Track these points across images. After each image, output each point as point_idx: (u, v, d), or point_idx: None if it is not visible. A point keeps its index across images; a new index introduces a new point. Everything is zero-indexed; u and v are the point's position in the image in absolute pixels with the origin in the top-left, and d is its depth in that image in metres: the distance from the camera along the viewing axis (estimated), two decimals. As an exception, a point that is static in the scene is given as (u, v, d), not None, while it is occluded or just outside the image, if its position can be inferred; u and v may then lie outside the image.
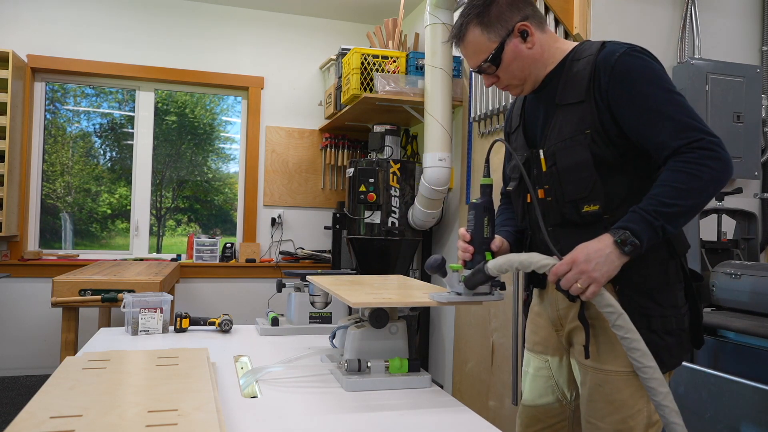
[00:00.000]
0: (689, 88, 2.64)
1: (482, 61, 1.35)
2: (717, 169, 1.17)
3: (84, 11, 4.24)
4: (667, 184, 1.17)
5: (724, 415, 1.79)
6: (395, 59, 3.57)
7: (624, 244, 1.16)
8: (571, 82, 1.31)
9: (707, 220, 2.39)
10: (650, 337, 1.22)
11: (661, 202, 1.16)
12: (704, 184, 1.16)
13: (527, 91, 1.41)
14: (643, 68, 1.24)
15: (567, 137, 1.29)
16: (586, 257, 1.17)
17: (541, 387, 1.48)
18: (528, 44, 1.33)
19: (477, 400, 3.05)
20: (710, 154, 1.17)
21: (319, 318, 2.01)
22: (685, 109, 1.22)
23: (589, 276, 1.16)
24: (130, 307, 1.85)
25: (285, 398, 1.26)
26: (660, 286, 1.26)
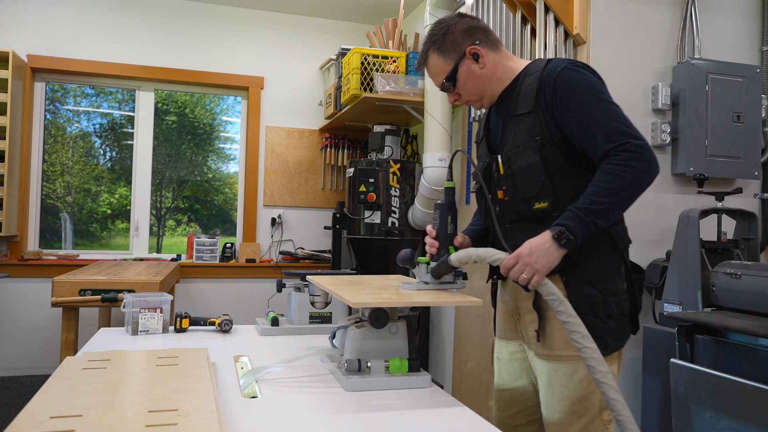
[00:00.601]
0: (689, 88, 2.64)
1: (442, 81, 1.56)
2: (640, 169, 1.31)
3: (84, 11, 4.24)
4: (597, 184, 1.33)
5: (724, 415, 1.79)
6: (395, 59, 3.57)
7: (560, 239, 1.32)
8: (523, 95, 1.48)
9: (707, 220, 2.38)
10: (593, 322, 1.38)
11: (591, 200, 1.32)
12: (628, 183, 1.31)
13: (486, 106, 1.60)
14: (580, 80, 1.40)
15: (520, 143, 1.46)
16: (529, 251, 1.33)
17: (517, 370, 1.60)
18: (480, 65, 1.52)
19: (477, 400, 3.04)
20: (634, 156, 1.31)
21: (319, 318, 2.01)
22: (615, 115, 1.36)
23: (532, 267, 1.32)
24: (130, 307, 1.85)
25: (285, 398, 1.26)
26: (602, 276, 1.42)
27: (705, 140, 2.66)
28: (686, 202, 2.70)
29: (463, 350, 3.26)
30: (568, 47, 2.64)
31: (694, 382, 1.90)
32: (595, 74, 1.43)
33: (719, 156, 2.68)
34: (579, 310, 1.32)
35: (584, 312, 1.36)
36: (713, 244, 2.34)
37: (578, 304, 1.35)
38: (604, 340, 1.38)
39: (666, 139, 2.67)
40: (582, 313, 1.33)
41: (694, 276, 2.19)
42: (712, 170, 2.65)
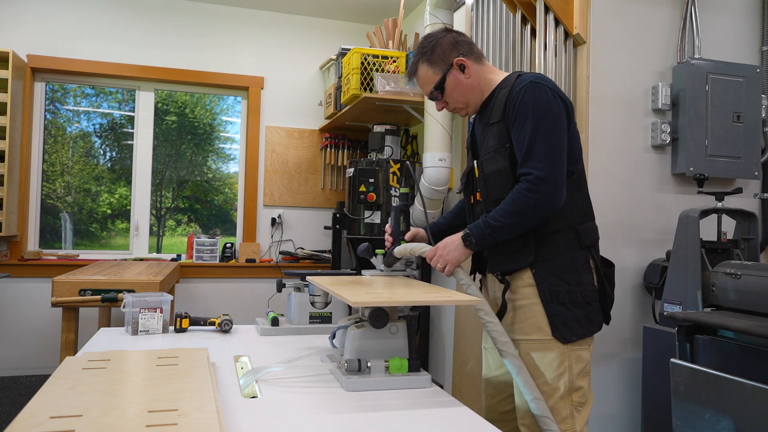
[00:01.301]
0: (689, 88, 2.64)
1: (431, 90, 1.70)
2: (533, 200, 1.48)
3: (84, 11, 4.24)
4: (503, 204, 1.52)
5: (724, 415, 1.79)
6: (395, 59, 3.57)
7: (466, 240, 1.56)
8: (496, 105, 1.63)
9: (707, 220, 2.39)
10: (559, 309, 1.53)
11: (494, 217, 1.52)
12: (522, 210, 1.49)
13: (471, 113, 1.74)
14: (535, 99, 1.52)
15: (492, 150, 1.61)
16: (444, 245, 1.59)
17: (499, 359, 1.71)
18: (466, 75, 1.66)
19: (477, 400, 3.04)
20: (531, 188, 1.48)
21: (319, 318, 2.01)
22: (543, 142, 1.50)
23: (445, 259, 1.58)
24: (130, 307, 1.85)
25: (285, 398, 1.26)
26: (568, 269, 1.55)
27: (705, 140, 2.66)
28: (686, 202, 2.70)
29: (463, 350, 3.26)
30: (568, 47, 2.64)
31: (694, 382, 1.90)
32: (557, 95, 1.55)
33: (719, 156, 2.68)
34: (546, 298, 1.53)
35: (551, 300, 1.53)
36: (713, 244, 2.34)
37: (545, 293, 1.54)
38: (570, 326, 1.53)
39: (666, 139, 2.67)
40: (549, 301, 1.53)
41: (694, 276, 2.19)
42: (712, 170, 2.65)
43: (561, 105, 1.55)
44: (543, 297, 1.54)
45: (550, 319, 1.53)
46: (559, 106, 1.54)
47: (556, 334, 1.53)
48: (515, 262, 1.58)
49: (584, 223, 1.59)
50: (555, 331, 1.53)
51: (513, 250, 1.58)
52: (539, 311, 1.55)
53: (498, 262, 1.64)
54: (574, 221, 1.58)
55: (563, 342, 1.53)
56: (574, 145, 1.59)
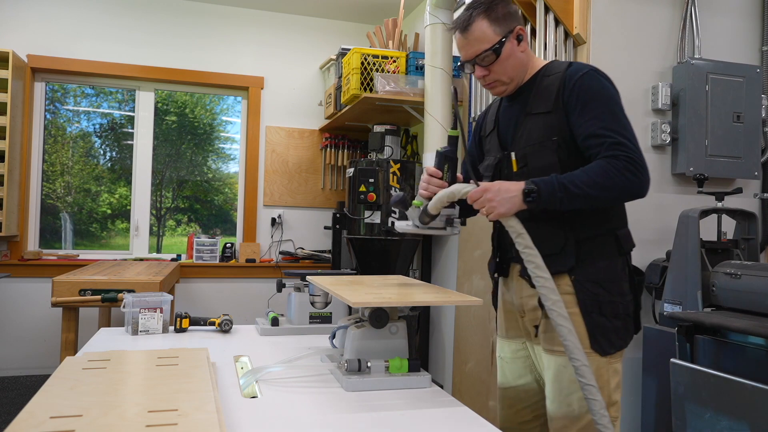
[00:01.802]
0: (689, 88, 2.64)
1: (483, 51, 1.48)
2: (631, 182, 1.36)
3: (84, 11, 4.24)
4: (588, 172, 1.37)
5: (724, 415, 1.79)
6: (395, 59, 3.57)
7: (528, 195, 1.37)
8: (541, 94, 1.50)
9: (707, 220, 2.38)
10: (600, 320, 1.43)
11: (573, 181, 1.36)
12: (613, 186, 1.36)
13: (509, 92, 1.57)
14: (600, 88, 1.43)
15: (535, 142, 1.48)
16: (497, 191, 1.38)
17: (520, 368, 1.62)
18: (521, 48, 1.52)
19: (477, 400, 3.04)
20: (632, 169, 1.36)
21: (319, 318, 2.01)
22: (626, 131, 1.40)
23: (492, 206, 1.38)
24: (130, 307, 1.85)
25: (285, 398, 1.26)
26: (609, 277, 1.45)
27: (705, 140, 2.66)
28: (686, 202, 2.70)
29: (463, 350, 3.26)
30: (568, 47, 2.64)
31: (694, 382, 1.90)
32: (613, 85, 1.47)
33: (719, 156, 2.68)
34: (587, 308, 1.41)
35: (592, 311, 1.42)
36: (713, 244, 2.34)
37: (586, 303, 1.42)
38: (610, 339, 1.43)
39: (666, 139, 2.67)
40: (590, 311, 1.41)
41: (694, 276, 2.19)
42: (712, 170, 2.65)
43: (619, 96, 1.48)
44: (583, 307, 1.43)
45: (590, 330, 1.43)
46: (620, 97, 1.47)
47: (596, 347, 1.43)
48: (552, 266, 1.42)
49: (623, 228, 1.51)
50: (594, 343, 1.43)
51: (551, 252, 1.44)
52: (577, 322, 1.43)
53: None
54: (614, 225, 1.49)
55: (602, 355, 1.44)
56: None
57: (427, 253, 3.84)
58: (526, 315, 1.55)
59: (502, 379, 1.68)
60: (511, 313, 1.63)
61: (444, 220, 1.52)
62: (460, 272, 3.34)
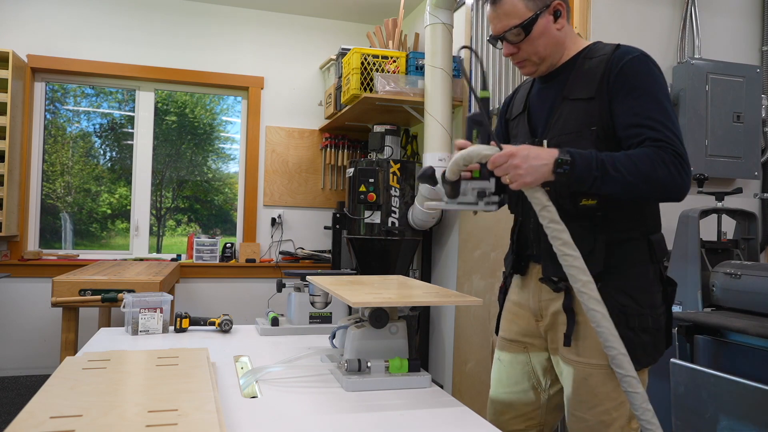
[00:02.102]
0: (689, 88, 2.64)
1: (512, 26, 1.36)
2: (673, 177, 1.23)
3: (84, 11, 4.24)
4: (629, 156, 1.23)
5: (724, 415, 1.79)
6: (395, 59, 3.57)
7: (560, 166, 1.21)
8: (582, 78, 1.36)
9: (707, 220, 2.38)
10: (627, 334, 1.28)
11: (613, 162, 1.22)
12: (654, 177, 1.22)
13: (541, 72, 1.44)
14: (648, 75, 1.30)
15: (572, 131, 1.33)
16: (524, 157, 1.21)
17: (518, 374, 1.52)
18: (558, 25, 1.38)
19: (477, 400, 3.04)
20: (677, 164, 1.23)
21: (319, 318, 2.01)
22: (673, 125, 1.28)
23: (518, 174, 1.21)
24: (130, 307, 1.85)
25: (285, 398, 1.26)
26: (640, 286, 1.32)
27: (705, 140, 2.66)
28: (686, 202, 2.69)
29: (463, 350, 3.26)
30: (568, 47, 2.64)
31: (694, 382, 1.90)
32: (662, 73, 1.34)
33: (719, 156, 2.68)
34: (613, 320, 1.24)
35: (618, 323, 1.26)
36: (713, 244, 2.34)
37: (612, 314, 1.25)
38: (636, 355, 1.28)
39: (666, 139, 2.67)
40: (616, 324, 1.24)
41: (694, 276, 2.19)
42: (712, 170, 2.65)
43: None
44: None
45: None
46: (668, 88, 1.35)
47: None
48: None
49: (656, 232, 1.38)
50: None
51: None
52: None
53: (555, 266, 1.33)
54: (648, 229, 1.36)
55: None
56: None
57: (427, 253, 3.85)
58: (544, 320, 1.44)
59: (495, 383, 1.58)
60: (521, 317, 1.51)
61: (475, 194, 1.30)
62: (460, 272, 3.34)
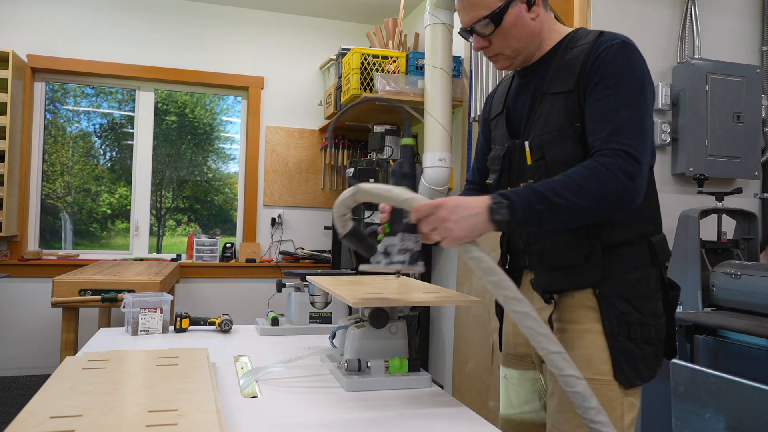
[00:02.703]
0: (689, 88, 2.64)
1: (481, 17, 1.22)
2: (624, 186, 1.09)
3: (84, 11, 4.24)
4: (570, 176, 1.10)
5: (724, 415, 1.79)
6: (395, 59, 3.57)
7: (496, 213, 1.06)
8: (562, 70, 1.23)
9: (707, 220, 2.39)
10: (627, 346, 1.18)
11: (554, 189, 1.08)
12: (603, 192, 1.08)
13: (516, 66, 1.31)
14: (624, 65, 1.16)
15: (554, 129, 1.21)
16: (454, 208, 1.06)
17: (527, 393, 1.40)
18: (532, 14, 1.25)
19: (477, 400, 3.04)
20: (626, 168, 1.09)
21: (319, 318, 2.00)
22: (639, 119, 1.14)
23: (447, 228, 1.06)
24: (130, 307, 1.85)
25: (285, 398, 1.26)
26: (641, 292, 1.20)
27: (705, 140, 2.66)
28: (686, 202, 2.70)
29: (463, 350, 3.26)
30: (568, 47, 2.64)
31: (694, 382, 1.90)
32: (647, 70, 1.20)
33: (719, 156, 2.68)
34: (612, 329, 1.17)
35: (619, 333, 1.17)
36: (713, 244, 2.34)
37: (612, 323, 1.18)
38: (637, 369, 1.18)
39: (666, 139, 2.67)
40: (616, 334, 1.17)
41: (694, 276, 2.19)
42: (712, 170, 2.65)
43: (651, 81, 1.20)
44: (608, 328, 1.18)
45: (614, 356, 1.18)
46: (651, 81, 1.20)
47: (619, 377, 1.18)
48: (573, 280, 1.21)
49: (657, 233, 1.25)
50: (618, 372, 1.18)
51: (572, 263, 1.21)
52: (598, 343, 1.19)
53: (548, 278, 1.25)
54: (647, 230, 1.23)
55: (626, 387, 1.19)
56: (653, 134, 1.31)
57: (427, 254, 3.85)
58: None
59: (505, 403, 1.45)
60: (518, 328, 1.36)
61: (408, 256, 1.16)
62: (460, 272, 3.34)
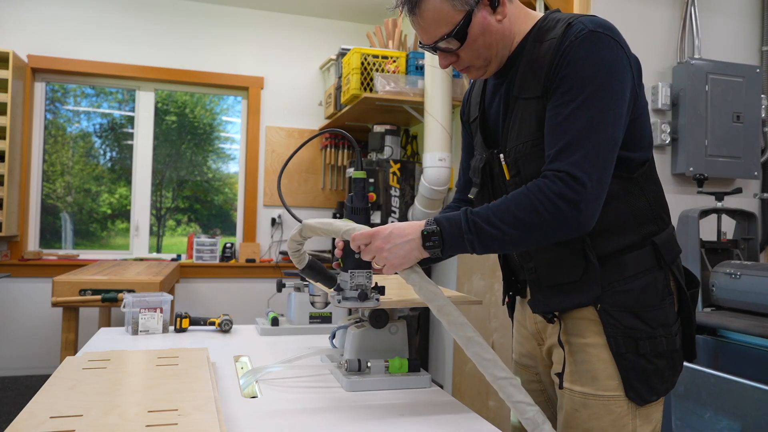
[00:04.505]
0: (689, 88, 2.64)
1: (442, 36, 1.09)
2: (564, 216, 0.98)
3: (84, 11, 4.24)
4: (507, 203, 1.02)
5: (724, 415, 1.79)
6: (395, 59, 3.57)
7: (427, 240, 1.04)
8: (530, 71, 1.09)
9: (707, 220, 2.38)
10: (636, 362, 1.08)
11: (488, 218, 1.01)
12: (540, 224, 0.99)
13: (490, 73, 1.18)
14: (588, 60, 1.02)
15: (528, 140, 1.09)
16: (388, 235, 1.05)
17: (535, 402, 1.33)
18: (498, 15, 1.10)
19: (477, 400, 3.05)
20: (567, 195, 0.98)
21: (319, 318, 2.00)
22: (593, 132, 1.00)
23: (383, 257, 1.05)
24: (130, 307, 1.85)
25: (285, 398, 1.26)
26: (647, 301, 1.09)
27: (705, 140, 2.66)
28: (686, 202, 2.70)
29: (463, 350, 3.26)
30: (568, 47, 2.64)
31: (694, 382, 1.90)
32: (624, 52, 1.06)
33: (719, 156, 2.68)
34: (618, 347, 1.08)
35: (626, 351, 1.08)
36: (713, 244, 2.34)
37: (617, 339, 1.08)
38: (651, 384, 1.09)
39: (666, 139, 2.67)
40: (623, 352, 1.08)
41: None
42: (712, 170, 2.65)
43: (627, 69, 1.05)
44: (614, 344, 1.08)
45: (624, 374, 1.08)
46: (625, 70, 1.04)
47: (631, 394, 1.09)
48: (570, 298, 1.11)
49: (662, 230, 1.13)
50: (630, 390, 1.08)
51: (567, 281, 1.11)
52: (603, 357, 1.10)
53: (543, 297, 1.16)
54: (650, 230, 1.11)
55: (639, 404, 1.09)
56: (643, 125, 1.11)
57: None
58: (545, 343, 1.24)
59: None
60: (526, 339, 1.32)
61: (358, 293, 1.16)
62: (460, 272, 3.34)
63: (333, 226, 1.11)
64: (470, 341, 1.05)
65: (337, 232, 1.10)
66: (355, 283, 1.17)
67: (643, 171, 1.11)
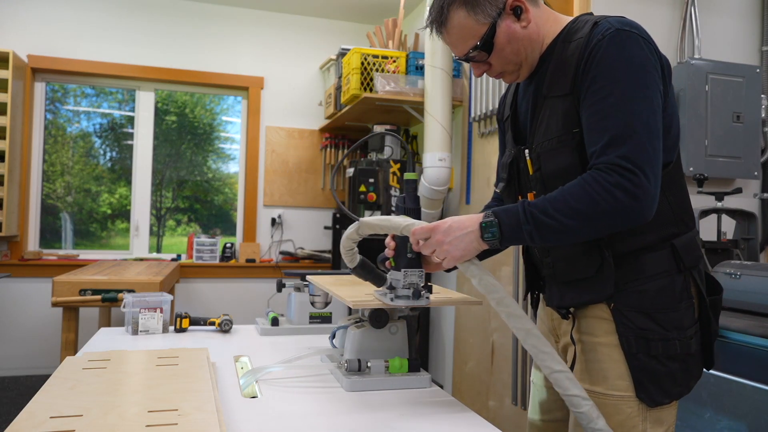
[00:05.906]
0: (689, 88, 2.64)
1: (471, 48, 1.16)
2: (623, 206, 1.00)
3: (84, 11, 4.24)
4: (564, 194, 1.03)
5: (724, 415, 1.79)
6: (395, 59, 3.57)
7: (486, 231, 1.07)
8: (560, 70, 1.13)
9: (707, 220, 2.39)
10: (649, 364, 1.09)
11: (545, 209, 1.03)
12: (598, 214, 1.01)
13: (524, 77, 1.23)
14: (618, 58, 1.04)
15: (553, 136, 1.13)
16: (447, 229, 1.09)
17: (550, 401, 1.33)
18: (522, 22, 1.15)
19: (477, 400, 3.05)
20: (625, 185, 0.99)
21: (319, 318, 2.01)
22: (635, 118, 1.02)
23: (444, 249, 1.09)
24: (130, 307, 1.85)
25: (285, 398, 1.26)
26: (662, 303, 1.10)
27: (705, 140, 2.66)
28: (686, 202, 2.70)
29: (463, 350, 3.26)
30: (568, 47, 2.64)
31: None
32: (653, 50, 1.08)
33: (719, 156, 2.68)
34: (630, 347, 1.09)
35: (638, 351, 1.09)
36: (713, 244, 2.34)
37: (629, 339, 1.09)
38: (663, 386, 1.10)
39: (666, 139, 2.68)
40: (635, 352, 1.09)
41: (694, 276, 2.19)
42: (712, 170, 2.65)
43: (657, 66, 1.07)
44: (626, 344, 1.10)
45: (635, 374, 1.10)
46: (656, 67, 1.06)
47: (642, 395, 1.10)
48: (584, 294, 1.14)
49: (683, 233, 1.13)
50: (641, 391, 1.10)
51: (581, 277, 1.13)
52: (614, 356, 1.11)
53: (558, 292, 1.19)
54: (670, 232, 1.11)
55: (650, 405, 1.10)
56: (672, 123, 1.11)
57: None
58: (561, 341, 1.27)
59: (531, 406, 1.39)
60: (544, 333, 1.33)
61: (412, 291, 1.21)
62: (460, 272, 3.34)
63: (392, 222, 1.15)
64: (528, 333, 1.08)
65: (397, 227, 1.15)
66: (408, 281, 1.21)
67: (667, 172, 1.10)
